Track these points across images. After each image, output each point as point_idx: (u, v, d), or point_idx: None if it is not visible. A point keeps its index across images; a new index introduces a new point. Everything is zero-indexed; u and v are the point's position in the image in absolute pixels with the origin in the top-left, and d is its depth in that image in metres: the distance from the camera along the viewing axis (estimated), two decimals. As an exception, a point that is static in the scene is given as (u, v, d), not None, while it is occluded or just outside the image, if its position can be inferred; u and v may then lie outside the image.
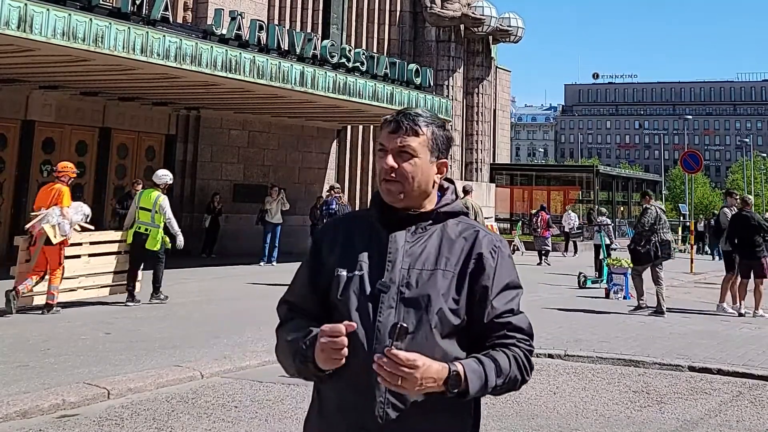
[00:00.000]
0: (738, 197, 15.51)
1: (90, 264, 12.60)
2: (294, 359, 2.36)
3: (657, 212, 14.25)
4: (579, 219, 32.06)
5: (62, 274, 11.61)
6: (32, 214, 11.56)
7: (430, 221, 2.48)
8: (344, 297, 2.41)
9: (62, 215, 11.31)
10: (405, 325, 2.20)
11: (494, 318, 2.38)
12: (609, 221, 24.29)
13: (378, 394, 2.31)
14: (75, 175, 12.27)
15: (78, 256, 12.34)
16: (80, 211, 11.75)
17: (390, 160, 2.45)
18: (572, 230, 29.81)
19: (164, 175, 13.26)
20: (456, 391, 2.24)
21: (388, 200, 2.46)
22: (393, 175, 2.44)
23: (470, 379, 2.25)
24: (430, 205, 2.51)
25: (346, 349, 2.23)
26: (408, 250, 2.41)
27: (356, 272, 2.42)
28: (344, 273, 2.42)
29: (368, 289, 2.38)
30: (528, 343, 2.43)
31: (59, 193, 11.48)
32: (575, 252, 30.22)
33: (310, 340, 2.30)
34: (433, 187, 2.54)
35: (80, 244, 12.32)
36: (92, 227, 12.27)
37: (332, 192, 19.14)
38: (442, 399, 2.26)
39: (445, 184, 2.60)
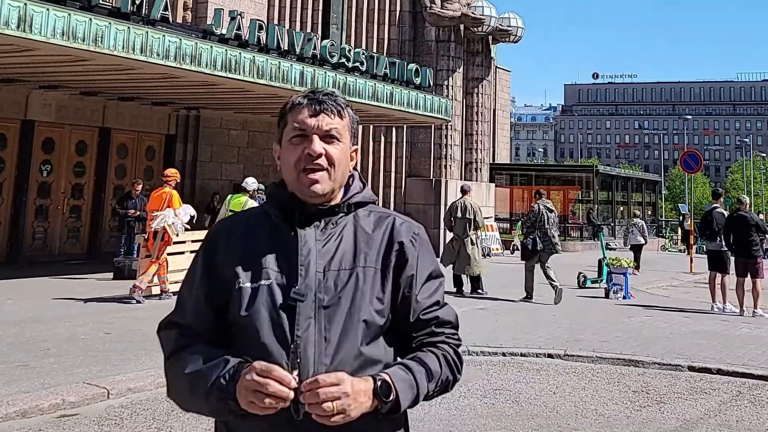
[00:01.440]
0: (722, 198, 16.02)
1: (191, 258, 13.89)
2: (208, 396, 1.97)
3: (541, 210, 15.37)
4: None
5: (167, 265, 13.48)
6: (153, 215, 13.31)
7: (341, 214, 2.17)
8: (251, 312, 2.04)
9: (176, 216, 13.18)
10: (295, 344, 1.97)
11: (420, 314, 2.13)
12: (642, 222, 25.83)
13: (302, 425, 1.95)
14: (179, 179, 14.16)
15: (182, 252, 14.11)
16: (188, 212, 13.53)
17: (317, 145, 2.12)
18: None
19: (253, 183, 15.12)
20: (389, 401, 1.96)
21: (308, 194, 2.11)
22: (320, 162, 2.12)
23: (400, 390, 1.98)
24: (338, 196, 2.21)
25: (285, 402, 1.88)
26: (321, 250, 2.09)
27: (263, 282, 2.06)
28: (248, 285, 2.06)
29: (279, 300, 2.03)
30: (456, 336, 2.20)
31: (170, 197, 13.35)
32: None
33: (231, 374, 1.95)
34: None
35: (184, 242, 14.12)
36: (188, 227, 13.92)
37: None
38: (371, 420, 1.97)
39: (351, 172, 2.29)
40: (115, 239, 18.84)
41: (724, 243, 14.95)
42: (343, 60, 18.66)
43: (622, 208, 43.54)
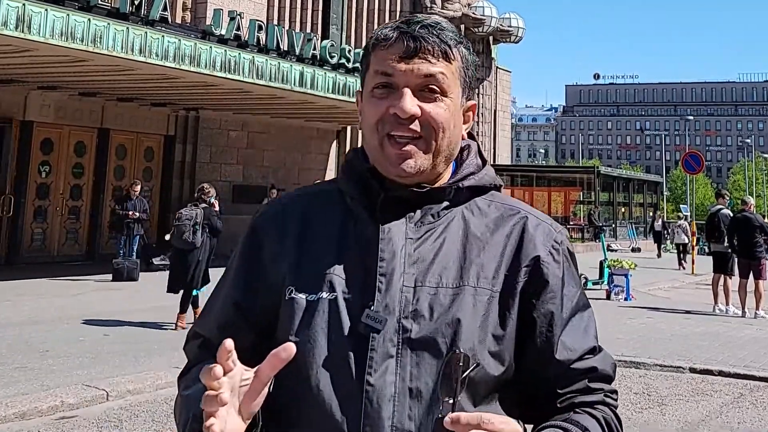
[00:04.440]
0: (727, 198, 16.13)
1: None
2: (185, 426, 1.38)
3: None
4: None
5: None
6: None
7: (446, 203, 1.49)
8: (303, 339, 1.40)
9: None
10: (464, 352, 1.29)
11: (570, 365, 1.46)
12: (686, 223, 28.71)
13: None
14: None
15: None
16: None
17: (409, 102, 1.43)
18: None
19: None
20: None
21: (396, 172, 1.45)
22: (414, 126, 1.44)
23: None
24: (446, 175, 1.53)
25: (221, 407, 1.21)
26: (412, 254, 1.43)
27: (323, 294, 1.42)
28: (301, 296, 1.43)
29: (346, 325, 1.39)
30: (616, 397, 1.52)
31: None
32: None
33: None
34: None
35: None
36: None
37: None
38: None
39: (464, 141, 1.57)
40: (114, 240, 18.73)
41: (723, 244, 14.92)
42: (343, 60, 18.63)
43: (623, 210, 43.52)
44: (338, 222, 1.49)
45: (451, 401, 1.22)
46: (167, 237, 11.32)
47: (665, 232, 35.96)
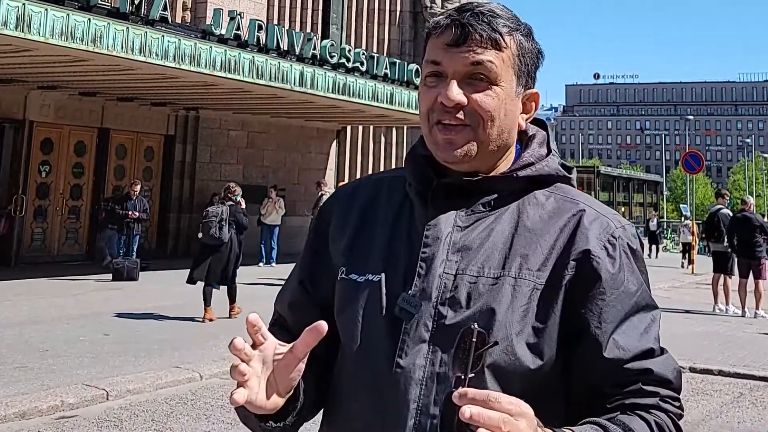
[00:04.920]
0: (727, 198, 16.19)
1: None
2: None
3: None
4: None
5: None
6: None
7: (496, 194, 1.47)
8: (344, 318, 1.48)
9: None
10: (479, 329, 1.23)
11: (623, 364, 1.38)
12: (690, 222, 29.51)
13: None
14: None
15: None
16: None
17: (454, 90, 1.43)
18: None
19: None
20: None
21: (443, 156, 1.46)
22: (460, 115, 1.44)
23: None
24: (504, 165, 1.52)
25: (247, 382, 1.28)
26: (458, 242, 1.43)
27: (370, 275, 1.46)
28: (351, 277, 1.49)
29: (384, 307, 1.43)
30: (678, 404, 1.42)
31: None
32: None
33: None
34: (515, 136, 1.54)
35: None
36: None
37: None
38: None
39: (531, 130, 1.58)
40: (109, 240, 18.61)
41: (722, 243, 14.95)
42: (343, 60, 18.61)
43: (623, 209, 43.51)
44: (396, 207, 1.53)
45: (462, 376, 1.20)
46: (200, 235, 12.13)
47: (663, 232, 36.15)
